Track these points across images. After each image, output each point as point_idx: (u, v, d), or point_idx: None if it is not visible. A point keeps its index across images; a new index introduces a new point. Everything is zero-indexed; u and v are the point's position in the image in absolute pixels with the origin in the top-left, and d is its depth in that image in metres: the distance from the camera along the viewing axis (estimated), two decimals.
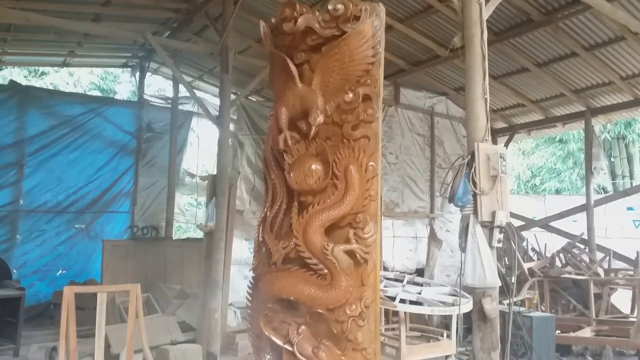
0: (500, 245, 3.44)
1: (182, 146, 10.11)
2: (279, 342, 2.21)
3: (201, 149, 11.04)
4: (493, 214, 3.39)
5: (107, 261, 7.85)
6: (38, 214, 8.55)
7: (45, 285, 8.40)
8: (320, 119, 2.26)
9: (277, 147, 2.39)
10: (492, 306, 3.23)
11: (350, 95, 2.25)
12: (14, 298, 6.17)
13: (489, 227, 3.39)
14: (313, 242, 2.21)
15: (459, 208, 3.53)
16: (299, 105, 2.33)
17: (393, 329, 6.42)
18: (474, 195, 3.41)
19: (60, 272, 8.57)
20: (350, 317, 2.18)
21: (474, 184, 3.39)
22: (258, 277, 2.39)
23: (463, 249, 3.40)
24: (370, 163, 2.26)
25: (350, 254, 2.21)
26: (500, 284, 3.32)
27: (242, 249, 8.35)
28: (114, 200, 9.42)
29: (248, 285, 2.44)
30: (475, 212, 3.40)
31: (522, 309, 3.95)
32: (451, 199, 3.45)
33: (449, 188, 3.49)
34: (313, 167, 2.26)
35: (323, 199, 2.26)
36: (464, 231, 3.42)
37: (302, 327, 2.21)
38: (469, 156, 3.49)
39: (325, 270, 2.20)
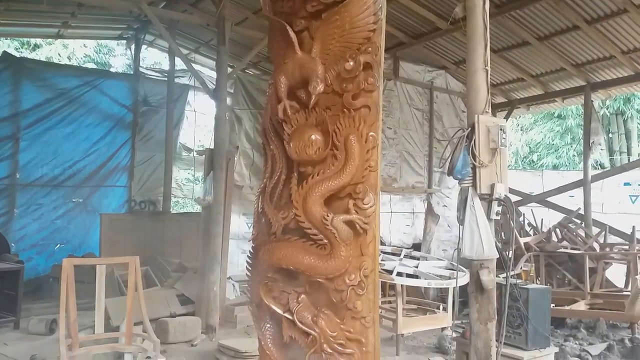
0: (499, 217, 3.45)
1: (178, 120, 10.03)
2: (278, 310, 2.23)
3: (198, 125, 10.96)
4: (492, 186, 3.38)
5: (105, 235, 7.87)
6: (35, 187, 8.51)
7: (44, 259, 8.42)
8: (320, 87, 2.23)
9: (276, 117, 2.36)
10: (489, 278, 3.25)
11: (351, 63, 2.21)
12: (13, 271, 6.20)
13: (487, 199, 3.39)
14: (313, 213, 2.21)
15: (457, 181, 3.52)
16: (298, 73, 2.29)
17: (390, 302, 6.50)
18: (473, 168, 3.40)
19: (58, 246, 8.58)
20: (350, 286, 2.19)
21: (474, 156, 3.38)
22: (258, 247, 2.39)
23: (461, 221, 3.41)
24: (371, 133, 2.24)
25: (350, 224, 2.21)
26: (498, 256, 3.34)
27: (240, 224, 8.37)
28: (111, 174, 9.38)
29: (248, 255, 2.44)
30: (474, 184, 3.40)
31: (518, 281, 3.97)
32: (450, 172, 3.44)
33: (448, 161, 3.47)
34: (313, 137, 2.24)
35: (323, 170, 2.25)
36: (463, 204, 3.42)
37: (302, 296, 2.22)
38: (469, 128, 3.47)
39: (325, 241, 2.20)
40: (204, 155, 7.22)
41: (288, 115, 2.30)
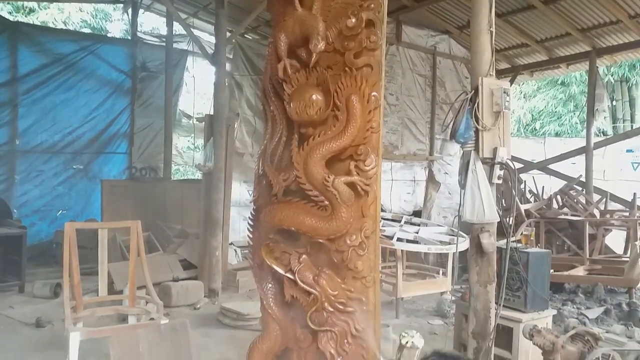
0: (500, 181, 3.43)
1: (177, 86, 9.92)
2: (280, 271, 2.24)
3: (197, 93, 10.84)
4: (494, 150, 3.35)
5: (106, 201, 7.89)
6: (35, 154, 8.49)
7: (47, 225, 8.48)
8: (321, 45, 2.18)
9: (276, 77, 2.32)
10: (489, 241, 3.26)
11: (353, 20, 2.15)
12: (16, 236, 6.25)
13: (489, 163, 3.37)
14: (314, 174, 2.19)
15: (460, 145, 3.49)
16: (298, 31, 2.24)
17: (390, 267, 6.56)
18: (476, 132, 3.36)
19: (60, 212, 8.62)
20: (351, 247, 2.20)
21: (477, 119, 3.33)
22: (259, 208, 2.39)
23: (463, 185, 3.39)
24: (373, 93, 2.20)
25: (351, 185, 2.20)
26: (499, 220, 3.34)
27: (241, 191, 8.37)
28: (110, 141, 9.34)
29: (249, 217, 2.44)
30: (476, 148, 3.36)
31: (519, 245, 3.99)
32: (452, 136, 3.40)
33: (451, 125, 3.43)
34: (314, 97, 2.20)
35: (324, 131, 2.22)
36: (464, 168, 3.40)
37: (303, 256, 2.23)
38: (472, 91, 3.41)
39: (326, 202, 2.19)
40: (203, 122, 7.17)
41: (288, 75, 2.26)
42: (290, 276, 2.22)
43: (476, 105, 3.34)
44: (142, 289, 4.61)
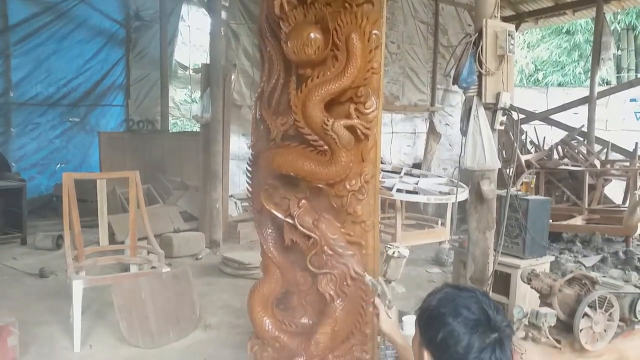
0: (502, 127, 3.37)
1: (172, 36, 9.63)
2: (280, 215, 2.22)
3: (193, 45, 10.55)
4: (497, 95, 3.26)
5: (104, 153, 7.84)
6: (30, 106, 8.35)
7: (46, 179, 8.46)
8: None
9: (272, 15, 2.22)
10: (489, 188, 3.23)
11: None
12: (16, 188, 6.24)
13: (492, 109, 3.29)
14: (312, 118, 2.13)
15: (462, 90, 3.40)
16: None
17: (389, 218, 6.60)
18: (479, 76, 3.26)
19: (59, 165, 8.58)
20: (350, 192, 2.17)
21: (480, 63, 3.23)
22: (257, 153, 2.35)
23: (464, 132, 3.33)
24: (374, 31, 2.12)
25: (351, 129, 2.15)
26: (500, 166, 3.30)
27: (240, 144, 8.30)
28: (106, 93, 9.17)
29: (247, 163, 2.41)
30: (479, 93, 3.28)
31: (519, 192, 3.98)
32: (455, 80, 3.30)
33: (454, 69, 3.33)
34: (312, 35, 2.11)
35: (323, 72, 2.15)
36: (467, 114, 3.32)
37: (303, 201, 2.21)
38: (476, 34, 3.29)
39: (325, 147, 2.15)
40: (200, 74, 7.02)
41: (285, 12, 2.16)
42: (290, 221, 2.21)
43: (480, 48, 3.23)
44: (143, 240, 4.63)
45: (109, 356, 3.37)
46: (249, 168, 2.40)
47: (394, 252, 2.23)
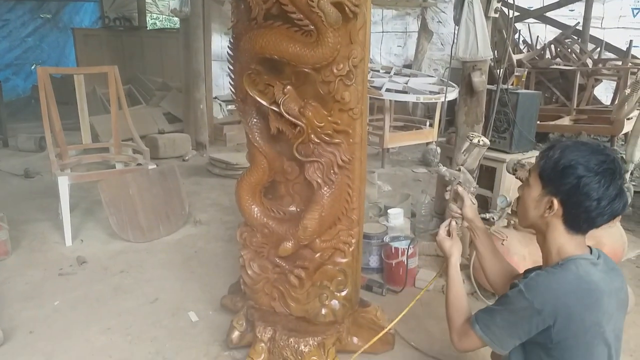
0: (497, 15, 3.21)
1: None
2: (264, 103, 2.13)
3: None
4: None
5: (80, 51, 7.49)
6: None
7: (22, 80, 8.17)
8: None
9: None
10: (480, 79, 3.15)
11: None
12: None
13: None
14: None
15: None
16: None
17: (377, 121, 6.53)
18: None
19: (34, 66, 8.23)
20: (338, 77, 2.06)
21: None
22: (238, 35, 2.20)
23: (457, 21, 3.17)
24: None
25: (339, 7, 1.99)
26: (492, 56, 3.19)
27: (223, 44, 7.96)
28: None
29: (228, 46, 2.27)
30: None
31: (509, 86, 3.91)
32: None
33: None
34: None
35: None
36: (460, 1, 3.15)
37: (288, 87, 2.11)
38: None
39: (311, 26, 2.00)
40: None
41: None
42: (275, 108, 2.12)
43: None
44: (127, 141, 4.55)
45: (101, 249, 3.44)
46: (230, 53, 2.27)
47: (479, 140, 2.19)
